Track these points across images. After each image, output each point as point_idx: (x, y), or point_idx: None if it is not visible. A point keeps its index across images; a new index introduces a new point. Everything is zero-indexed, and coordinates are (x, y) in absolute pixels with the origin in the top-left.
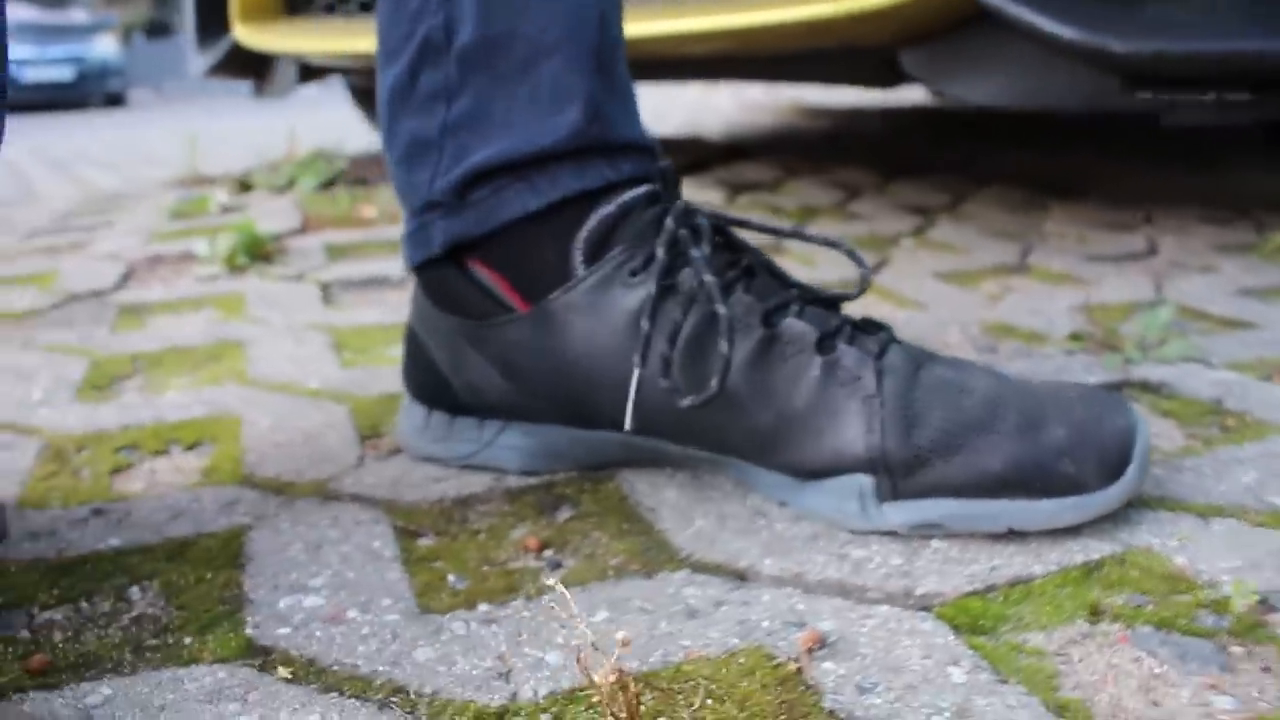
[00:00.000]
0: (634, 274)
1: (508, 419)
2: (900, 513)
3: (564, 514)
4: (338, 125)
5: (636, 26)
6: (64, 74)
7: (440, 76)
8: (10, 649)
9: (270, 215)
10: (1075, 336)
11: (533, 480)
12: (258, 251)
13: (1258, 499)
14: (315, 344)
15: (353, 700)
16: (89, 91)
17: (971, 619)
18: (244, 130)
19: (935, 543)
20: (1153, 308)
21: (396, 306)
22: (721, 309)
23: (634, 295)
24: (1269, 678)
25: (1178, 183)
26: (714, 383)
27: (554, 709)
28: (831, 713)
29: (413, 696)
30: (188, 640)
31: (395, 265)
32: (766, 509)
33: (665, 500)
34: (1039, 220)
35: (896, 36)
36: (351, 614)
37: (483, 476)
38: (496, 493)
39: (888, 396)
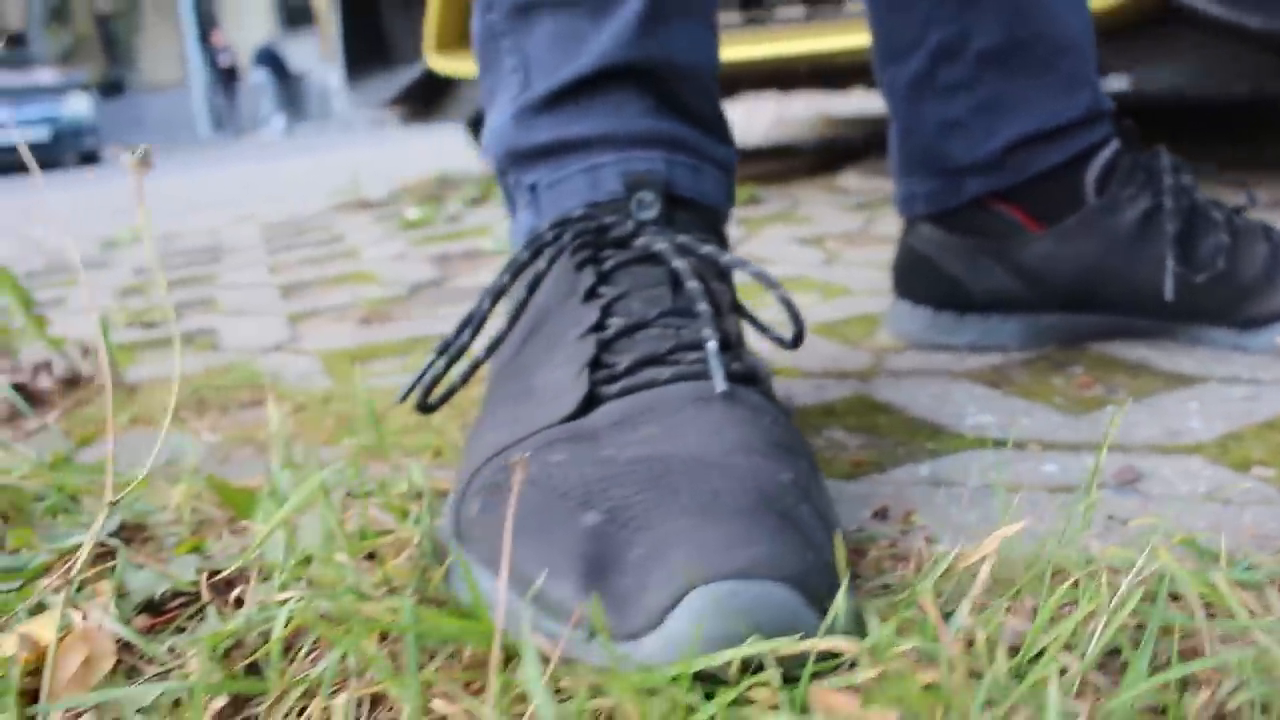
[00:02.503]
0: (1131, 198)
1: (1009, 311)
2: None
3: (1077, 370)
4: (401, 160)
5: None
6: (40, 134)
7: (958, 73)
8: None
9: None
10: None
11: (1030, 354)
12: None
13: None
14: None
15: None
16: (64, 151)
17: None
18: (318, 169)
19: None
20: None
21: None
22: (1217, 215)
23: (1134, 210)
24: None
25: None
26: (1220, 262)
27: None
28: None
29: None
30: (927, 445)
31: None
32: (1227, 354)
33: (1143, 356)
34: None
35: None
36: (1024, 421)
37: (989, 356)
38: (1013, 364)
39: None
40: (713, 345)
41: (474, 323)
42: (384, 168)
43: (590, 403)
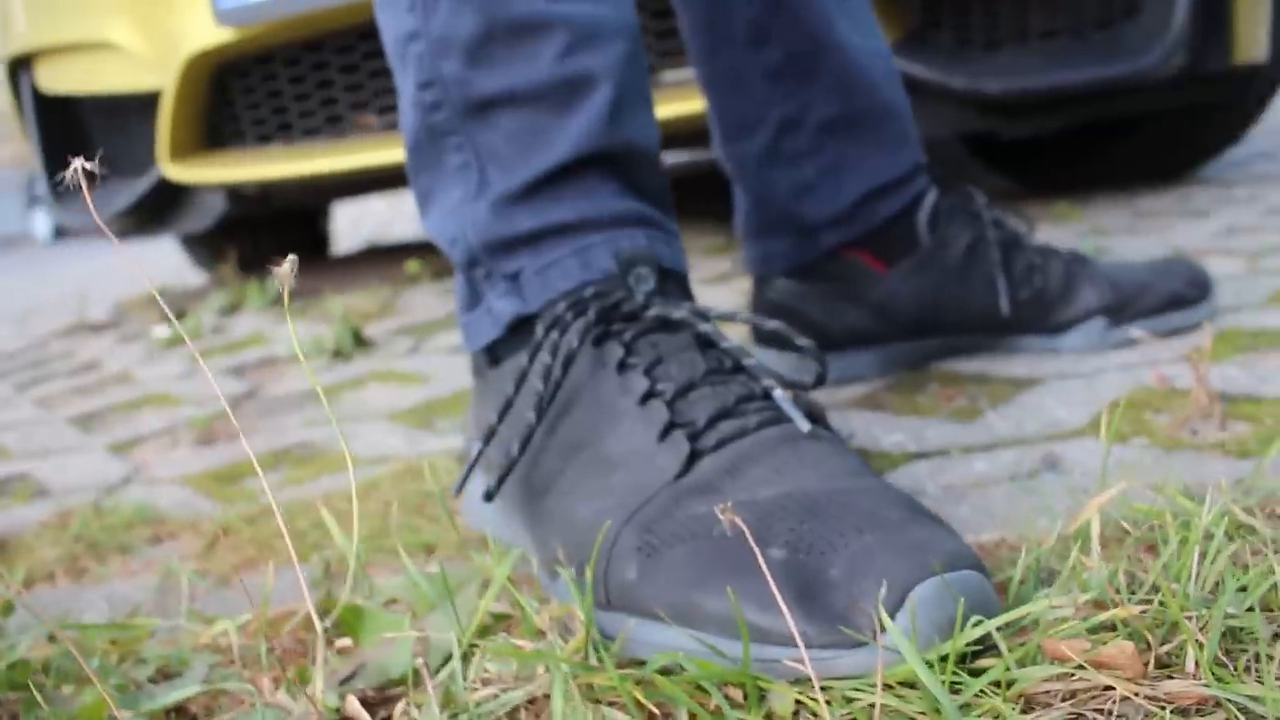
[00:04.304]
0: (956, 235)
1: (864, 345)
2: (1123, 331)
3: (933, 387)
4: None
5: None
6: None
7: (802, 143)
8: None
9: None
10: None
11: (888, 380)
12: (360, 340)
13: None
14: None
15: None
16: None
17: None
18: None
19: (1143, 342)
20: None
21: None
22: (1025, 240)
23: (961, 244)
24: None
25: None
26: (1037, 279)
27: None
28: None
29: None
30: None
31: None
32: (1042, 356)
33: (980, 368)
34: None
35: None
36: (929, 434)
37: (854, 387)
38: (879, 390)
39: (1099, 271)
40: (779, 393)
41: (539, 403)
42: (64, 289)
43: (690, 459)
